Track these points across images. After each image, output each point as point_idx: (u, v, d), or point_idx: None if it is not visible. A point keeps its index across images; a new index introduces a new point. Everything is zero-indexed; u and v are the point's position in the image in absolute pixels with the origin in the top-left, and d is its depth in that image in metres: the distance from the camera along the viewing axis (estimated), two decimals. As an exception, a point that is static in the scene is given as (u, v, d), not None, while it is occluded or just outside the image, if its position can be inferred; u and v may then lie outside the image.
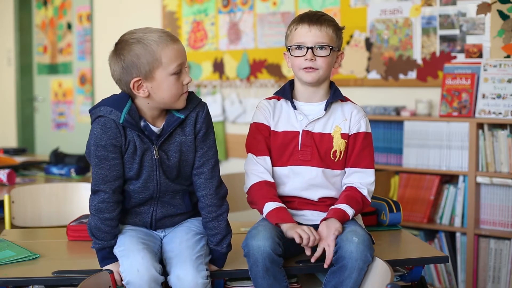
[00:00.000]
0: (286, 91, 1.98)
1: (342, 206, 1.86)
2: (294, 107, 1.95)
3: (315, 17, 1.91)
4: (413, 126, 3.17)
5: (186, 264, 1.71)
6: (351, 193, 1.90)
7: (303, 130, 1.93)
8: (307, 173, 1.92)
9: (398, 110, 3.28)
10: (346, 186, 1.94)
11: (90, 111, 1.74)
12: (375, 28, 3.46)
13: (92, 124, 1.73)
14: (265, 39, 3.89)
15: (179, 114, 1.76)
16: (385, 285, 1.40)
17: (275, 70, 3.86)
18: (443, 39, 3.26)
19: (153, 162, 1.75)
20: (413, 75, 3.36)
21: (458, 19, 3.21)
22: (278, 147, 1.95)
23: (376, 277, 1.70)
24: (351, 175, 1.94)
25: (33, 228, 2.48)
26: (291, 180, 1.94)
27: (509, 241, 2.91)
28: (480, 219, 3.02)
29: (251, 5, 3.94)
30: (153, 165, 1.76)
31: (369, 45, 3.49)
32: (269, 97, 2.02)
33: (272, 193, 1.89)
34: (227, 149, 4.08)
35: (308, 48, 1.89)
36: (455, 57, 3.23)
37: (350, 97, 2.03)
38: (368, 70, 3.51)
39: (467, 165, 3.01)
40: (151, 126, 1.75)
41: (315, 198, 1.93)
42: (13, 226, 2.47)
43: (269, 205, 1.85)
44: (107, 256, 1.76)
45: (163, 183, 1.78)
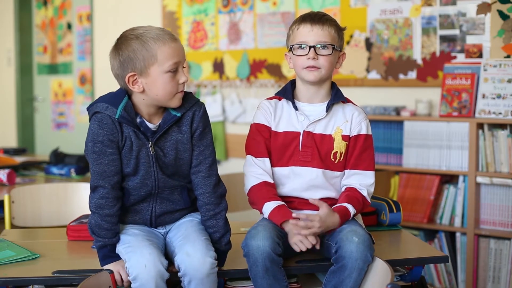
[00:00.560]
0: (288, 91, 1.98)
1: (344, 205, 1.86)
2: (295, 107, 1.95)
3: (317, 17, 1.92)
4: (413, 126, 3.17)
5: (195, 243, 1.72)
6: (351, 193, 1.91)
7: (304, 131, 1.93)
8: (307, 174, 1.92)
9: (398, 110, 3.28)
10: (345, 187, 1.94)
11: (88, 108, 1.76)
12: (375, 28, 3.46)
13: (90, 120, 1.74)
14: (265, 39, 3.89)
15: (175, 112, 1.77)
16: (385, 285, 1.40)
17: (275, 70, 3.86)
18: (443, 39, 3.26)
19: (149, 158, 1.76)
20: (413, 75, 3.36)
21: (458, 19, 3.21)
22: (279, 148, 1.95)
23: (376, 277, 1.70)
24: (350, 176, 1.94)
25: (33, 228, 2.48)
26: (291, 181, 1.94)
27: (509, 241, 2.91)
28: (480, 219, 3.02)
29: (251, 5, 3.94)
30: (149, 161, 1.76)
31: (369, 45, 3.49)
32: (270, 97, 2.02)
33: (271, 192, 1.90)
34: (227, 149, 4.08)
35: (310, 47, 1.89)
36: (455, 57, 3.23)
37: (350, 97, 2.03)
38: (368, 70, 3.51)
39: (467, 165, 3.01)
40: (147, 122, 1.76)
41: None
42: (13, 226, 2.47)
43: (268, 205, 1.86)
44: (108, 254, 1.76)
45: (161, 179, 1.79)
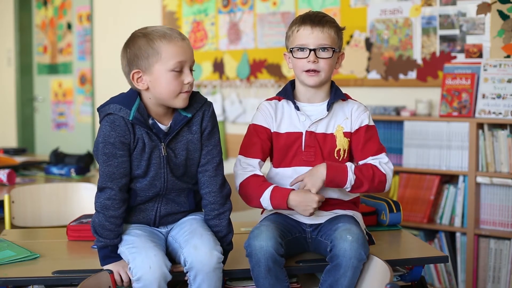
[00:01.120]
0: (288, 92, 1.98)
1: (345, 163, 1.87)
2: (297, 108, 1.95)
3: (317, 19, 1.90)
4: (413, 126, 3.17)
5: (203, 237, 1.73)
6: (361, 166, 1.89)
7: (306, 131, 1.93)
8: None
9: (398, 110, 3.28)
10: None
11: (99, 109, 1.75)
12: (375, 28, 3.46)
13: (101, 122, 1.73)
14: (265, 39, 3.89)
15: (185, 113, 1.77)
16: (385, 285, 1.40)
17: (275, 70, 3.86)
18: (443, 39, 3.26)
19: (161, 160, 1.76)
20: (413, 75, 3.36)
21: (458, 19, 3.21)
22: (281, 148, 1.95)
23: (375, 277, 1.70)
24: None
25: (33, 228, 2.49)
26: (295, 181, 1.94)
27: (509, 241, 2.91)
28: (480, 219, 3.01)
29: (251, 5, 3.94)
30: (160, 163, 1.76)
31: (369, 45, 3.49)
32: (270, 98, 2.02)
33: (260, 179, 1.89)
34: (227, 149, 4.08)
35: (310, 50, 1.89)
36: (455, 57, 3.23)
37: (350, 97, 2.03)
38: (368, 70, 3.51)
39: (467, 165, 3.01)
40: (159, 124, 1.76)
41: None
42: (13, 226, 2.47)
43: (265, 195, 1.84)
44: (108, 255, 1.76)
45: (170, 181, 1.79)
